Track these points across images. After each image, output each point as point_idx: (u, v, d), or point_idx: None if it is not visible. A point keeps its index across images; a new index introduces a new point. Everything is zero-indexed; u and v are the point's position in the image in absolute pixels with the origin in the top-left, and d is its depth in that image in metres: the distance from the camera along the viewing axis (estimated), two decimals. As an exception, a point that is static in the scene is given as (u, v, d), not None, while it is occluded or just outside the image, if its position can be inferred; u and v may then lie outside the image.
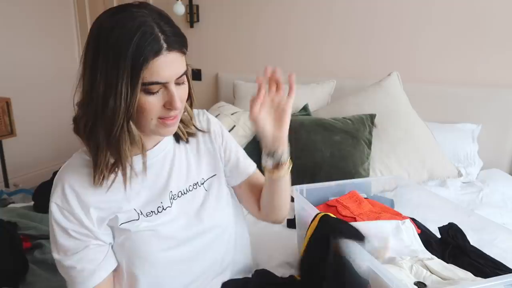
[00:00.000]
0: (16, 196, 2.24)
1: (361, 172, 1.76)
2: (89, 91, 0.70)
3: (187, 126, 0.90)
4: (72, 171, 0.79)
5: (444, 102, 2.13)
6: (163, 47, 0.69)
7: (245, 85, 2.55)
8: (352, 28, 2.38)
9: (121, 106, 0.68)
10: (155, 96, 0.72)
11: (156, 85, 0.70)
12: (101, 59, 0.67)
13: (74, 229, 0.77)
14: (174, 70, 0.71)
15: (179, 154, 0.89)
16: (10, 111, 2.58)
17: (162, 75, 0.70)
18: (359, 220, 1.15)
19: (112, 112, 0.69)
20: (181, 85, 0.75)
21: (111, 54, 0.66)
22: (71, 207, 0.77)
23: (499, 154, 2.06)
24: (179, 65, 0.73)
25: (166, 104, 0.73)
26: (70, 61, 3.43)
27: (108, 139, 0.72)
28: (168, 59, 0.70)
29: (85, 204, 0.77)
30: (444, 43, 2.15)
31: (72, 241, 0.77)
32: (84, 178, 0.78)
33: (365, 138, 1.84)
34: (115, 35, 0.66)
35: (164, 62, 0.69)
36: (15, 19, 2.93)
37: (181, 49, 0.73)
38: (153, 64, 0.68)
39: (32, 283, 1.20)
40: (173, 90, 0.72)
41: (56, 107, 3.25)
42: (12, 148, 2.87)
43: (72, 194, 0.77)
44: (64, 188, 0.77)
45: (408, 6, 2.20)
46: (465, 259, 0.98)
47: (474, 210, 1.52)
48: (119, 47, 0.66)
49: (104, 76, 0.67)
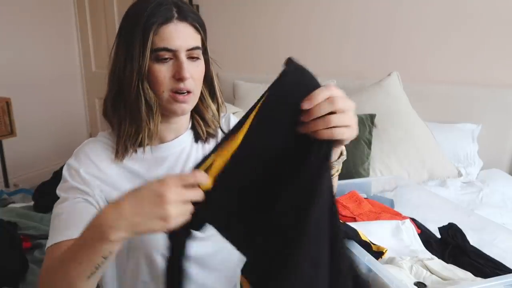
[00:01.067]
0: (16, 196, 2.24)
1: (361, 172, 1.76)
2: (114, 59, 0.78)
3: (208, 126, 0.89)
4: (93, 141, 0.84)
5: (444, 102, 2.12)
6: (174, 15, 0.74)
7: (245, 85, 2.55)
8: (352, 28, 2.37)
9: (135, 68, 0.74)
10: (165, 66, 0.75)
11: (165, 52, 0.74)
12: (124, 30, 0.76)
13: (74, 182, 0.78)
14: (184, 40, 0.75)
15: (195, 153, 0.89)
16: (10, 111, 2.58)
17: (171, 42, 0.74)
18: (359, 220, 1.15)
19: (129, 74, 0.75)
20: (194, 61, 0.77)
21: (130, 24, 0.75)
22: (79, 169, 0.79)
23: (499, 154, 2.06)
24: (190, 37, 0.76)
25: (175, 75, 0.75)
26: (70, 61, 3.43)
27: (127, 104, 0.77)
28: (179, 27, 0.74)
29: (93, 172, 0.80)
30: (444, 42, 2.14)
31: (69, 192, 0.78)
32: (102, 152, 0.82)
33: (365, 138, 1.84)
34: (136, 8, 0.75)
35: (174, 29, 0.74)
36: (15, 19, 2.93)
37: (193, 23, 0.76)
38: (163, 31, 0.73)
39: (32, 283, 1.20)
40: (183, 59, 0.75)
41: (56, 107, 3.25)
42: (12, 148, 2.87)
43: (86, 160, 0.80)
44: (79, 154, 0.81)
45: (408, 6, 2.20)
46: (465, 259, 0.98)
47: (474, 210, 1.51)
48: (137, 16, 0.74)
49: (124, 44, 0.75)
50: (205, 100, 0.86)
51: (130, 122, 0.78)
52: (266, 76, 3.08)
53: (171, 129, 0.85)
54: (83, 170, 0.79)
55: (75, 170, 0.79)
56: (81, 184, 0.78)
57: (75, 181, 0.78)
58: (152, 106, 0.77)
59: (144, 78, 0.75)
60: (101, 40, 3.34)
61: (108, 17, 3.23)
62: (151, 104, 0.77)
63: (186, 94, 0.77)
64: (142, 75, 0.74)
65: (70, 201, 0.76)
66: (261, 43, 2.67)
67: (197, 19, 0.77)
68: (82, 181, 0.78)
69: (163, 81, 0.75)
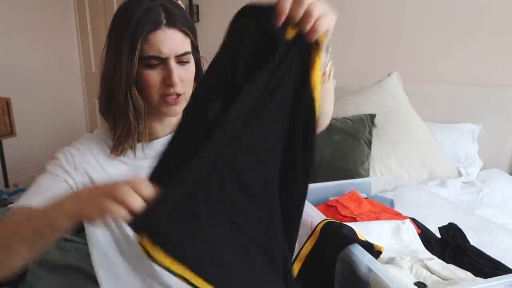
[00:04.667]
0: (16, 196, 2.24)
1: (361, 172, 1.76)
2: (105, 62, 0.79)
3: None
4: (91, 136, 0.88)
5: (444, 102, 2.12)
6: (162, 22, 0.74)
7: (245, 85, 2.55)
8: (352, 28, 2.37)
9: (123, 74, 0.75)
10: (155, 71, 0.75)
11: (154, 59, 0.74)
12: (113, 34, 0.77)
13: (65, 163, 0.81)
14: (173, 46, 0.75)
15: None
16: (10, 111, 2.58)
17: (161, 49, 0.74)
18: (359, 220, 1.15)
19: (118, 79, 0.75)
20: (184, 65, 0.78)
21: (119, 29, 0.75)
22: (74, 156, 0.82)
23: (499, 154, 2.06)
24: (179, 43, 0.76)
25: (165, 80, 0.76)
26: (70, 61, 3.43)
27: (117, 107, 0.78)
28: (167, 34, 0.74)
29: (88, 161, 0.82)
30: (444, 43, 2.14)
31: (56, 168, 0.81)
32: (99, 146, 0.85)
33: (365, 138, 1.84)
34: (125, 12, 0.76)
35: (163, 36, 0.74)
36: (15, 19, 2.93)
37: (183, 28, 0.76)
38: (152, 38, 0.73)
39: (32, 283, 1.20)
40: (172, 66, 0.75)
41: (56, 107, 3.25)
42: (12, 148, 2.87)
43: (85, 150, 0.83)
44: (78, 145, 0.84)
45: (408, 6, 2.20)
46: (465, 259, 0.98)
47: (474, 210, 1.51)
48: (125, 22, 0.74)
49: (113, 48, 0.76)
50: None
51: (123, 124, 0.80)
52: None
53: (164, 126, 0.86)
54: (78, 159, 0.82)
55: (71, 155, 0.82)
56: (69, 166, 0.80)
57: (67, 163, 0.81)
58: (140, 112, 0.79)
59: (132, 84, 0.76)
60: (101, 40, 3.32)
61: (108, 17, 3.23)
62: (139, 110, 0.78)
63: (177, 97, 0.78)
64: (130, 81, 0.76)
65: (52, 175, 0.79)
66: (261, 43, 2.67)
67: (186, 23, 0.77)
68: (71, 165, 0.81)
69: (154, 86, 0.76)
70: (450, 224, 1.09)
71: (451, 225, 1.09)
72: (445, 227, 1.09)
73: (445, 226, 1.10)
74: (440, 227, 1.10)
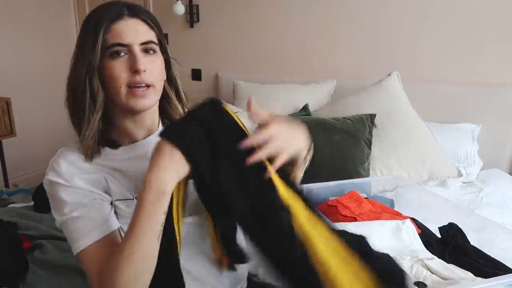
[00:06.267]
0: (16, 196, 2.24)
1: (361, 172, 1.76)
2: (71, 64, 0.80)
3: None
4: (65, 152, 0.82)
5: (444, 102, 2.12)
6: (124, 13, 0.75)
7: (245, 85, 2.55)
8: (352, 28, 2.37)
9: (85, 63, 0.75)
10: (120, 61, 0.75)
11: (118, 47, 0.74)
12: (79, 36, 0.78)
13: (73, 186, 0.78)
14: (136, 35, 0.76)
15: None
16: (10, 111, 2.58)
17: (124, 37, 0.74)
18: (359, 220, 1.15)
19: (79, 71, 0.76)
20: (150, 55, 0.77)
21: (84, 27, 0.77)
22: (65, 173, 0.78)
23: (499, 154, 2.06)
24: (143, 32, 0.77)
25: (130, 68, 0.75)
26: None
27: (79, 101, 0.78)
28: (130, 23, 0.76)
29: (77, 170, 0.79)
30: (444, 42, 2.14)
31: (75, 195, 0.77)
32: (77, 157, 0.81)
33: (365, 138, 1.84)
34: (90, 14, 0.78)
35: (126, 25, 0.75)
36: (15, 19, 2.92)
37: (145, 19, 0.77)
38: (115, 27, 0.74)
39: (32, 283, 1.20)
40: (137, 51, 0.75)
41: (56, 107, 3.23)
42: (12, 148, 2.86)
43: (66, 164, 0.79)
44: (58, 161, 0.80)
45: (408, 6, 2.20)
46: (465, 259, 0.98)
47: (474, 210, 1.51)
48: (88, 20, 0.76)
49: (77, 47, 0.77)
50: (172, 102, 0.86)
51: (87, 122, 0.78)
52: (266, 76, 3.07)
53: (139, 128, 0.83)
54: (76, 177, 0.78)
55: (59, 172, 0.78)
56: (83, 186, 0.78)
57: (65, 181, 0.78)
58: (96, 98, 0.77)
59: (94, 75, 0.76)
60: (101, 40, 3.34)
61: (108, 17, 3.23)
62: (95, 96, 0.77)
63: (145, 88, 0.76)
64: (92, 73, 0.75)
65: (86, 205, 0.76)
66: (261, 43, 2.67)
67: (149, 16, 0.79)
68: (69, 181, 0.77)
69: (119, 76, 0.75)
70: (450, 224, 1.09)
71: (451, 225, 1.09)
72: (445, 227, 1.10)
73: (445, 226, 1.10)
74: (440, 227, 1.10)
